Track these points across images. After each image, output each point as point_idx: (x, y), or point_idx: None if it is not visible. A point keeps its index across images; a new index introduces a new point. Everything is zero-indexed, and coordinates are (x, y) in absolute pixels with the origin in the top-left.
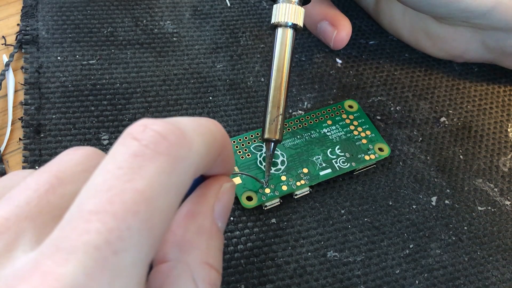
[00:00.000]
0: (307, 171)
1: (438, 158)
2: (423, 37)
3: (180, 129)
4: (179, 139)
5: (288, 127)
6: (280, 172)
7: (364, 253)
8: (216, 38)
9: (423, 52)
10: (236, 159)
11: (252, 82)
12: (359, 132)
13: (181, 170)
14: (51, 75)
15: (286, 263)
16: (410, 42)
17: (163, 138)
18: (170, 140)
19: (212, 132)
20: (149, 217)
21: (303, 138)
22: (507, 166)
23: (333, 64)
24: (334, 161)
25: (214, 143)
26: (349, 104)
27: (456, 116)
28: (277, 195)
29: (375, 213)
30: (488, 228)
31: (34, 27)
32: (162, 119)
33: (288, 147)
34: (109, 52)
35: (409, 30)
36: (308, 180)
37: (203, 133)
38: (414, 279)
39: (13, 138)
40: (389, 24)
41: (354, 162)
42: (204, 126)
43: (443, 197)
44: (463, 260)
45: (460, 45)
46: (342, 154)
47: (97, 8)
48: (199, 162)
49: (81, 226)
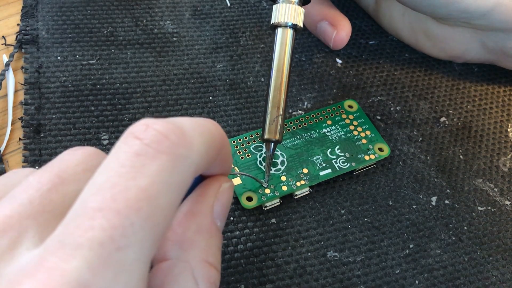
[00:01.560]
0: (307, 171)
1: (438, 158)
2: (422, 38)
3: (181, 129)
4: (180, 138)
5: (288, 127)
6: (280, 173)
7: (364, 253)
8: (216, 38)
9: (423, 52)
10: (236, 159)
11: (252, 82)
12: (359, 132)
13: (182, 169)
14: (51, 75)
15: (286, 263)
16: (410, 42)
17: (164, 138)
18: (171, 139)
19: (211, 132)
20: (152, 214)
21: (303, 138)
22: (507, 166)
23: (333, 64)
24: (334, 161)
25: (213, 143)
26: (349, 104)
27: (456, 116)
28: (277, 196)
29: (375, 213)
30: (488, 228)
31: (34, 27)
32: (163, 119)
33: (288, 147)
34: (109, 52)
35: (408, 31)
36: (308, 180)
37: (203, 132)
38: (414, 279)
39: (13, 138)
40: (389, 24)
41: (354, 162)
42: (203, 126)
43: (443, 197)
44: (463, 260)
45: (459, 46)
46: (342, 154)
47: (97, 8)
48: (199, 161)
49: (85, 223)
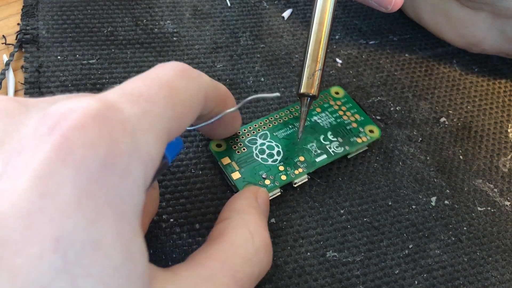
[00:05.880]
0: (303, 159)
1: (438, 158)
2: (443, 20)
3: (198, 71)
4: (199, 73)
5: (280, 118)
6: (277, 163)
7: (363, 253)
8: (216, 38)
9: (441, 37)
10: (232, 154)
11: (252, 82)
12: (348, 116)
13: (196, 83)
14: (51, 75)
15: (285, 263)
16: (429, 25)
17: (193, 70)
18: (196, 71)
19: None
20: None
21: (295, 128)
22: (507, 166)
23: (333, 64)
24: (328, 146)
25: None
26: (335, 91)
27: (456, 116)
28: (278, 185)
29: (375, 213)
30: (488, 229)
31: (34, 27)
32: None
33: (282, 138)
34: (109, 51)
35: (430, 12)
36: (306, 168)
37: (213, 83)
38: (413, 279)
39: None
40: (411, 5)
41: (348, 146)
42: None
43: (442, 197)
44: (462, 261)
45: (479, 32)
46: (335, 140)
47: (97, 7)
48: (207, 88)
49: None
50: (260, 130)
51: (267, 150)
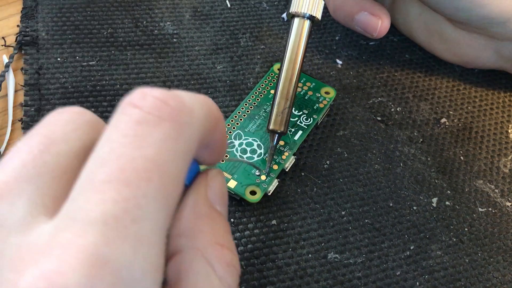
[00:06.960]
0: (283, 142)
1: (438, 159)
2: (437, 40)
3: (179, 97)
4: (180, 105)
5: (243, 113)
6: (263, 156)
7: (364, 254)
8: (216, 39)
9: (435, 55)
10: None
11: (252, 84)
12: (301, 87)
13: (187, 136)
14: (51, 77)
15: (287, 265)
16: (423, 43)
17: (164, 104)
18: (171, 105)
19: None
20: (163, 184)
21: (261, 117)
22: (508, 167)
23: (333, 65)
24: (298, 122)
25: (211, 113)
26: (277, 68)
27: (456, 117)
28: (273, 176)
29: (376, 215)
30: (489, 230)
31: (34, 28)
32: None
33: (255, 131)
34: (109, 53)
35: (423, 31)
36: (290, 150)
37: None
38: (414, 280)
39: (13, 138)
40: (404, 23)
41: (314, 115)
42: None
43: (443, 198)
44: (464, 262)
45: (473, 52)
46: (300, 113)
47: (97, 9)
48: (201, 129)
49: (95, 197)
50: (232, 132)
51: (247, 148)
